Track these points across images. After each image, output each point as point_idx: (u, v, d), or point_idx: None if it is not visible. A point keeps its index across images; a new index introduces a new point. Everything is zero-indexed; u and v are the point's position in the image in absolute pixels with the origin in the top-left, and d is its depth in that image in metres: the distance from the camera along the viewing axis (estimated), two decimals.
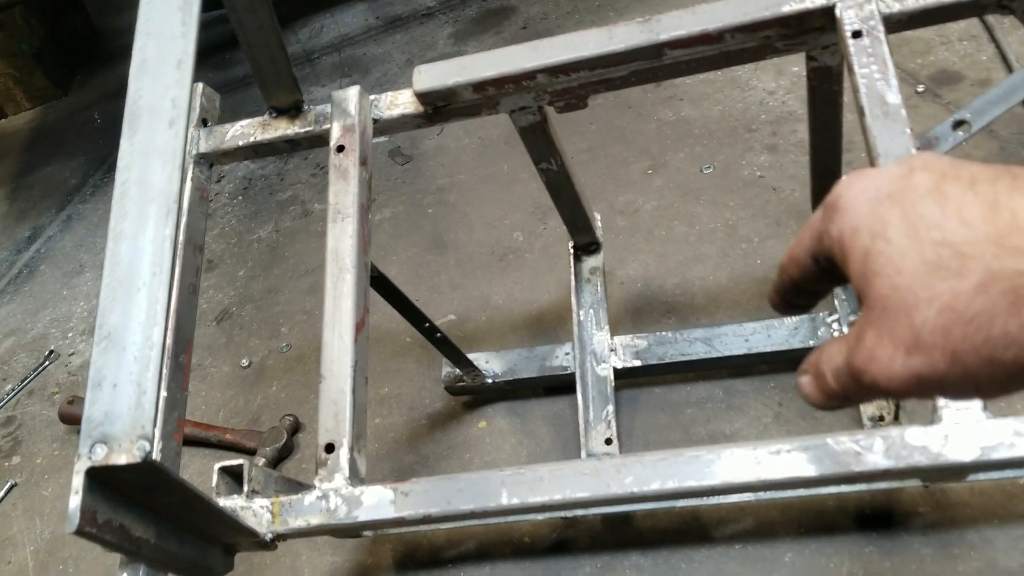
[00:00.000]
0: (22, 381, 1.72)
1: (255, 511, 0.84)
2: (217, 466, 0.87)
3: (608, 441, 1.17)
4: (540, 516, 1.12)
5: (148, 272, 0.62)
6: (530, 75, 0.96)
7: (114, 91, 2.78)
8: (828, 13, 0.91)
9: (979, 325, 0.34)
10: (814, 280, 0.45)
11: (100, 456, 0.57)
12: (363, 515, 0.82)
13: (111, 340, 0.60)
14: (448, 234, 1.71)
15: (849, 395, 0.40)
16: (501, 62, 0.97)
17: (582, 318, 1.28)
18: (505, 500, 0.78)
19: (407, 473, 1.29)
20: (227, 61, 2.72)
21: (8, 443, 1.60)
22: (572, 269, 1.31)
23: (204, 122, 1.12)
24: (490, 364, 1.33)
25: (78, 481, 0.56)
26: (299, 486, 0.92)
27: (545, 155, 1.12)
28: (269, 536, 0.83)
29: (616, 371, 1.22)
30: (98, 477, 0.57)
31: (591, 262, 1.32)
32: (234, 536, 0.82)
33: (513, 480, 0.79)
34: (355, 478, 0.85)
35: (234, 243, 1.91)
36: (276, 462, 1.38)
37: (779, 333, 1.17)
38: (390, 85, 2.33)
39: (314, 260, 1.77)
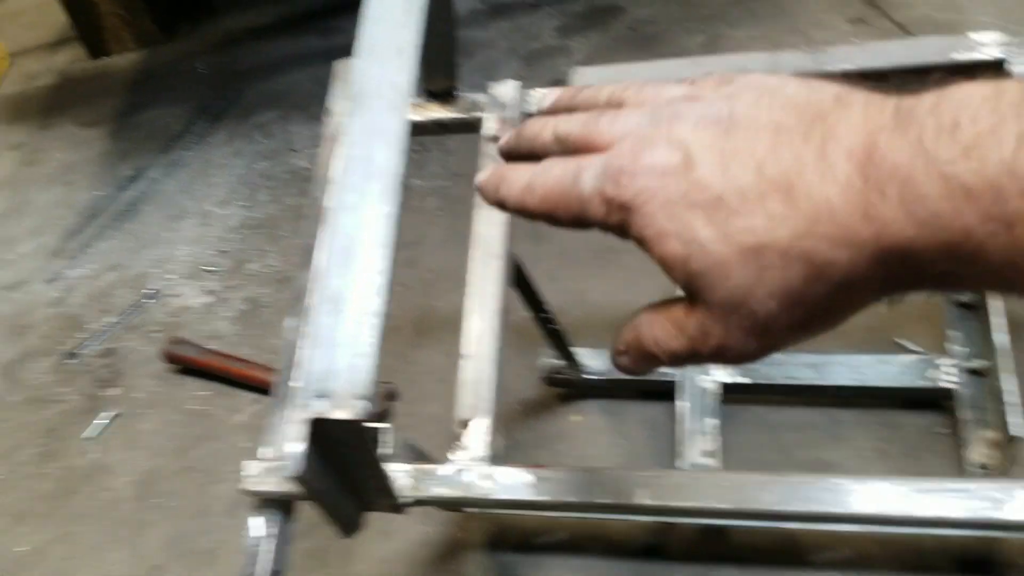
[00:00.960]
0: (123, 315, 1.78)
1: (393, 475, 0.87)
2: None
3: (706, 453, 1.20)
4: (669, 519, 1.14)
5: (369, 244, 0.65)
6: None
7: (218, 43, 2.83)
8: (997, 66, 0.93)
9: (819, 308, 0.38)
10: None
11: (321, 409, 0.60)
12: (499, 493, 0.86)
13: (334, 304, 0.64)
14: (546, 226, 1.74)
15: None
16: (662, 73, 1.00)
17: None
18: (644, 500, 0.81)
19: (501, 457, 1.32)
20: (331, 28, 2.75)
21: (108, 374, 1.66)
22: None
23: None
24: (592, 360, 1.36)
25: (302, 430, 0.60)
26: (424, 456, 0.96)
27: None
28: (405, 501, 0.87)
29: (720, 384, 1.25)
30: (315, 428, 0.61)
31: None
32: (375, 496, 0.86)
33: (652, 482, 0.82)
34: (490, 457, 0.89)
35: None
36: None
37: (891, 370, 1.18)
38: (493, 71, 2.35)
39: (410, 235, 1.81)
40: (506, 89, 1.03)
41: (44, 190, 2.29)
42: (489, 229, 0.98)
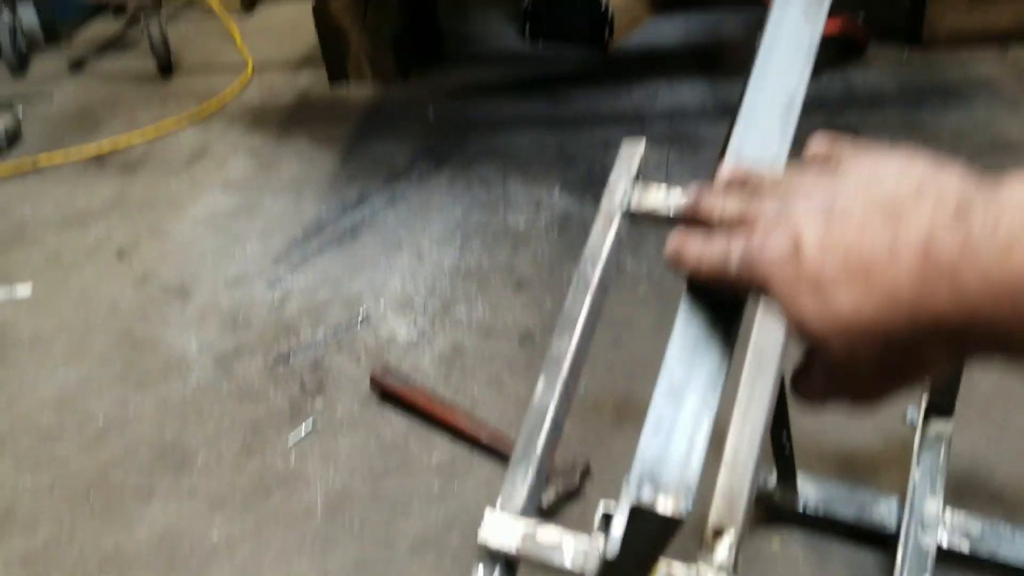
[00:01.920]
0: (334, 332, 1.86)
1: None
2: (603, 505, 0.91)
3: None
4: None
5: (722, 331, 0.65)
6: None
7: (448, 92, 2.97)
8: None
9: (905, 367, 0.44)
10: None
11: (647, 498, 0.60)
12: None
13: (673, 392, 0.64)
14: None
15: None
16: None
17: (918, 480, 1.25)
18: None
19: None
20: (559, 96, 2.84)
21: (314, 385, 1.74)
22: (919, 425, 1.28)
23: (638, 176, 1.18)
24: (805, 488, 1.31)
25: (625, 516, 0.60)
26: None
27: None
28: None
29: (938, 547, 1.19)
30: (635, 515, 0.61)
31: (940, 426, 1.29)
32: None
33: None
34: (734, 571, 0.87)
35: (545, 272, 1.99)
36: (562, 497, 1.42)
37: None
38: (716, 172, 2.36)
39: (618, 314, 1.82)
40: None
41: (276, 197, 2.45)
42: (767, 339, 0.97)
